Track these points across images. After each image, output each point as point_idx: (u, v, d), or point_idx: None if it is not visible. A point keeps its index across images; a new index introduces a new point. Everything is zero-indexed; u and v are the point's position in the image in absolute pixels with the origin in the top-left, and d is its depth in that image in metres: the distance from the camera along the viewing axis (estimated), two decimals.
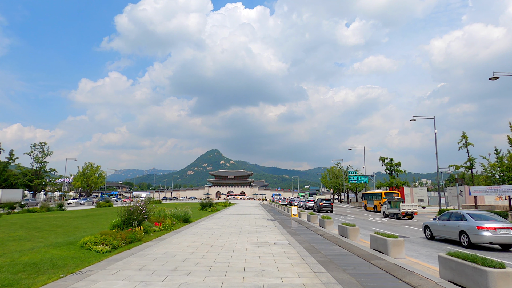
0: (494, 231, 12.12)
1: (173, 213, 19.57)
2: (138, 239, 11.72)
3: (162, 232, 14.61)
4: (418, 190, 77.49)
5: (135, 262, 8.09)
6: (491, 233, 12.11)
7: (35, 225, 16.68)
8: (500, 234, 12.08)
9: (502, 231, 12.14)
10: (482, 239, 12.24)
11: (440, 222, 14.90)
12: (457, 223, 13.64)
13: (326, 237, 14.35)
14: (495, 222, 12.52)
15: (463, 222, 13.29)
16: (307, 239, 13.58)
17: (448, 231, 14.14)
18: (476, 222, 12.66)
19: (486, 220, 12.68)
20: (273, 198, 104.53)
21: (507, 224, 12.48)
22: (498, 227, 12.22)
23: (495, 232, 12.11)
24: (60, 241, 11.10)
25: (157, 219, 16.79)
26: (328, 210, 40.55)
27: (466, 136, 39.68)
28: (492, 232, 12.12)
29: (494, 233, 12.08)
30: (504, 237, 12.07)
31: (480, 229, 12.30)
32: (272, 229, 16.79)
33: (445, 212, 15.30)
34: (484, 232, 12.18)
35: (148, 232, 13.66)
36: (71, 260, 8.18)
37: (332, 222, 18.59)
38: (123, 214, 12.91)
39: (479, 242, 12.47)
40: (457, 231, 13.48)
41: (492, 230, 12.14)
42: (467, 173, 39.94)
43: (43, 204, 30.30)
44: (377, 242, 10.89)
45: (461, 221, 13.47)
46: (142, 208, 13.51)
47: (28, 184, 76.05)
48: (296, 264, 8.16)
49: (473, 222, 12.75)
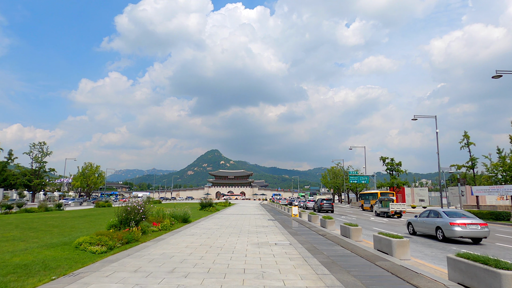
0: (464, 227, 13.76)
1: (171, 213, 19.25)
2: (135, 239, 11.41)
3: (160, 232, 14.30)
4: (419, 190, 77.21)
5: (131, 264, 7.78)
6: (461, 228, 13.74)
7: (31, 225, 16.37)
8: (469, 229, 13.75)
9: (471, 226, 13.83)
10: (454, 234, 13.85)
11: (421, 219, 16.42)
12: (434, 220, 15.25)
13: (328, 238, 14.04)
14: (466, 218, 14.15)
15: (439, 219, 14.91)
16: (309, 240, 13.27)
17: (427, 227, 15.75)
18: (449, 219, 14.31)
19: (458, 217, 14.34)
20: (273, 198, 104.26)
21: (476, 220, 14.05)
22: (468, 223, 13.86)
23: (465, 227, 13.75)
24: (55, 242, 10.79)
25: (156, 219, 16.46)
26: (328, 210, 40.24)
27: (468, 135, 39.36)
28: (463, 227, 13.75)
29: (464, 229, 13.73)
30: (472, 232, 13.73)
31: (452, 225, 13.94)
32: (272, 229, 16.48)
33: (425, 210, 16.92)
34: (456, 228, 13.80)
35: (146, 232, 13.35)
36: (65, 261, 7.87)
37: (334, 222, 18.29)
38: (120, 214, 12.59)
39: (452, 236, 14.03)
40: (434, 227, 15.13)
41: (463, 226, 13.78)
42: (468, 173, 39.59)
43: (41, 204, 29.95)
44: (381, 242, 10.58)
45: (437, 218, 15.07)
46: (140, 208, 13.20)
47: (27, 184, 75.78)
48: (298, 266, 7.85)
49: (447, 219, 14.38)
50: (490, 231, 14.15)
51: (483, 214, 29.31)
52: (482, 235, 13.82)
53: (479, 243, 14.18)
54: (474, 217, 14.45)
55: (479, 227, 13.79)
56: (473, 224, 13.82)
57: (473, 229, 13.75)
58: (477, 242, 14.26)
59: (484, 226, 13.89)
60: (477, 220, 14.06)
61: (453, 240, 14.58)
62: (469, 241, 14.49)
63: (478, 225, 13.82)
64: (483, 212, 29.49)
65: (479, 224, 13.86)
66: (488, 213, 28.60)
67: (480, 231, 13.73)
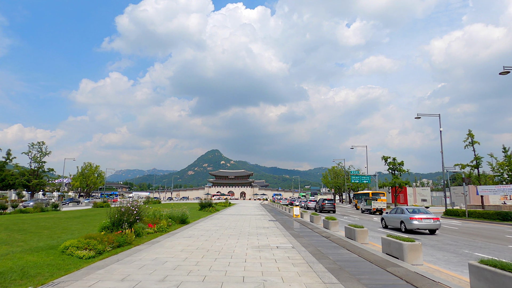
0: (420, 220, 17.11)
1: (169, 214, 18.55)
2: (128, 242, 10.71)
3: (155, 234, 13.59)
4: (421, 190, 76.48)
5: (119, 271, 7.07)
6: (418, 222, 17.11)
7: (21, 227, 15.66)
8: (424, 222, 17.10)
9: (426, 220, 17.12)
10: (412, 226, 17.20)
11: (390, 215, 19.83)
12: (399, 215, 18.68)
13: (332, 240, 13.33)
14: (422, 214, 17.42)
15: (403, 214, 18.25)
16: (312, 242, 12.56)
17: (394, 221, 19.16)
18: (410, 214, 17.67)
19: (417, 213, 17.66)
20: (274, 198, 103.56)
21: (430, 215, 17.34)
22: (423, 217, 17.15)
23: (421, 221, 17.11)
24: (41, 245, 10.08)
25: (152, 221, 15.78)
26: (330, 211, 39.53)
27: (472, 134, 38.56)
28: (419, 221, 17.12)
29: (420, 222, 17.10)
30: (426, 224, 17.08)
31: (411, 219, 17.31)
32: (273, 231, 15.77)
33: (394, 208, 20.21)
34: (414, 221, 17.19)
35: (141, 234, 12.65)
36: (46, 268, 7.16)
37: (337, 223, 17.59)
38: (113, 215, 11.89)
39: (411, 228, 17.31)
40: (399, 221, 18.54)
41: (419, 220, 17.13)
42: (473, 172, 38.81)
43: (36, 204, 29.24)
44: (390, 246, 9.87)
45: (402, 214, 18.43)
46: (134, 208, 12.49)
47: (26, 184, 75.09)
48: (303, 273, 7.14)
49: (408, 215, 17.74)
50: (441, 223, 18.37)
51: (489, 214, 28.55)
52: (435, 227, 17.16)
53: (435, 233, 17.55)
54: (429, 213, 17.84)
55: (432, 220, 17.14)
56: (427, 219, 17.15)
57: (427, 222, 17.08)
58: (433, 233, 17.50)
59: (436, 220, 17.20)
60: (431, 215, 17.37)
61: (415, 232, 17.92)
62: (426, 232, 17.75)
63: (431, 219, 17.17)
64: (489, 213, 28.73)
65: (432, 218, 17.20)
66: (495, 214, 27.84)
67: (433, 224, 17.10)
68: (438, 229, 17.46)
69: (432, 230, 17.46)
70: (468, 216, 31.08)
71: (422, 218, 17.09)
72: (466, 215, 31.39)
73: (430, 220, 17.08)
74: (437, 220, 17.16)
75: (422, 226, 17.04)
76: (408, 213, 17.86)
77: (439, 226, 17.24)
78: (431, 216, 17.26)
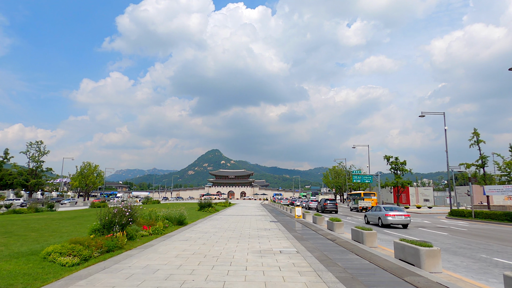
0: (393, 217, 20.22)
1: (165, 214, 17.71)
2: (119, 246, 9.87)
3: (150, 237, 12.76)
4: (424, 190, 75.59)
5: (102, 282, 6.24)
6: (392, 218, 20.22)
7: (8, 229, 14.82)
8: (397, 218, 20.22)
9: (398, 216, 20.22)
10: (387, 221, 20.36)
11: (371, 212, 23.22)
12: (377, 213, 21.80)
13: (338, 243, 12.49)
14: (396, 211, 20.52)
15: (380, 212, 21.33)
16: (318, 246, 11.72)
17: (374, 217, 22.37)
18: (385, 211, 20.77)
19: (391, 210, 20.67)
20: (274, 198, 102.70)
21: (402, 212, 20.54)
22: (396, 214, 20.28)
23: (394, 217, 20.21)
24: (23, 250, 9.25)
25: (147, 222, 14.95)
26: (332, 211, 38.70)
27: (478, 133, 37.66)
28: (392, 217, 20.22)
29: (394, 218, 20.20)
30: (399, 220, 20.22)
31: (386, 216, 20.41)
32: (275, 233, 14.94)
33: (374, 206, 24.79)
34: (388, 218, 20.28)
35: (134, 237, 11.82)
36: (21, 279, 6.33)
37: (342, 225, 16.75)
38: (103, 217, 11.05)
39: (386, 223, 20.48)
40: (377, 217, 21.74)
41: (393, 216, 20.24)
42: (478, 172, 37.94)
43: (30, 205, 28.38)
44: (404, 251, 9.02)
45: (379, 211, 21.57)
46: (127, 210, 11.65)
47: (24, 184, 74.26)
48: (312, 284, 6.30)
49: (384, 212, 20.84)
50: (411, 219, 21.69)
51: (497, 215, 27.70)
52: (406, 222, 20.31)
53: (407, 227, 20.61)
54: (402, 210, 21.10)
55: (403, 217, 20.25)
56: (399, 215, 20.28)
57: (399, 218, 20.27)
58: (405, 227, 20.59)
59: (407, 216, 20.35)
60: (403, 212, 20.60)
61: (390, 226, 21.11)
62: (400, 227, 20.81)
63: (403, 216, 20.27)
64: (496, 213, 27.88)
65: (404, 215, 20.31)
66: (503, 214, 26.98)
67: (404, 219, 20.26)
68: (408, 224, 20.63)
69: (405, 225, 20.58)
70: (474, 217, 30.25)
71: (395, 215, 20.22)
72: (472, 215, 30.56)
73: (402, 216, 20.22)
74: (408, 217, 20.31)
75: (395, 222, 20.26)
76: (384, 210, 20.97)
77: (410, 221, 20.50)
78: (403, 213, 20.50)
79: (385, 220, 20.36)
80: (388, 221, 20.16)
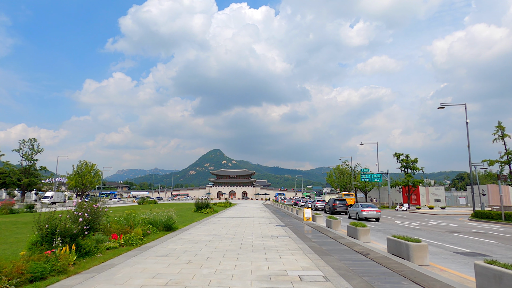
0: (367, 212, 25.28)
1: (149, 218, 14.39)
2: (58, 270, 6.58)
3: (119, 250, 9.44)
4: (434, 190, 71.89)
5: None
6: (366, 213, 25.28)
7: None
8: (370, 213, 25.24)
9: (371, 212, 25.21)
10: (363, 216, 25.33)
11: (352, 209, 28.29)
12: (356, 209, 26.77)
13: (374, 259, 9.14)
14: (369, 207, 25.54)
15: (357, 208, 26.38)
16: (349, 265, 8.38)
17: (353, 213, 27.38)
18: (361, 207, 25.78)
19: (366, 207, 25.65)
20: (277, 198, 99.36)
21: (374, 208, 25.44)
22: (369, 210, 25.28)
23: (368, 212, 25.27)
24: None
25: (121, 229, 11.66)
26: (342, 212, 35.35)
27: (503, 126, 34.20)
28: (366, 212, 25.29)
29: (367, 213, 25.27)
30: (371, 214, 25.21)
31: (362, 211, 25.43)
32: (286, 242, 11.62)
33: (354, 203, 30.80)
34: (364, 212, 25.31)
35: (93, 252, 8.53)
36: None
37: (368, 231, 13.40)
38: (43, 225, 7.77)
39: (362, 217, 25.34)
40: (355, 212, 26.71)
41: (367, 211, 25.30)
42: (503, 169, 34.39)
43: (3, 205, 25.07)
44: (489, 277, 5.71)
45: (357, 208, 26.52)
46: (83, 214, 8.36)
47: (17, 183, 71.14)
48: None
49: (360, 208, 25.87)
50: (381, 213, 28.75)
51: None
52: (377, 216, 25.12)
53: (378, 220, 25.46)
54: (374, 206, 25.85)
55: (375, 212, 25.10)
56: (372, 211, 25.14)
57: (372, 213, 25.15)
58: (378, 220, 25.59)
59: (378, 212, 25.22)
60: (375, 209, 25.40)
61: (366, 219, 25.62)
62: (373, 220, 25.66)
63: (375, 211, 25.13)
64: None
65: (375, 211, 25.17)
66: None
67: (375, 214, 25.08)
68: (379, 217, 25.35)
69: (377, 218, 25.48)
70: (505, 219, 26.87)
71: (368, 210, 25.21)
72: (502, 217, 27.19)
73: (374, 212, 25.15)
74: (379, 212, 25.31)
75: (369, 216, 25.19)
76: (361, 207, 25.92)
77: (380, 215, 25.38)
78: (375, 209, 25.38)
79: (361, 214, 25.33)
80: (363, 215, 25.22)
